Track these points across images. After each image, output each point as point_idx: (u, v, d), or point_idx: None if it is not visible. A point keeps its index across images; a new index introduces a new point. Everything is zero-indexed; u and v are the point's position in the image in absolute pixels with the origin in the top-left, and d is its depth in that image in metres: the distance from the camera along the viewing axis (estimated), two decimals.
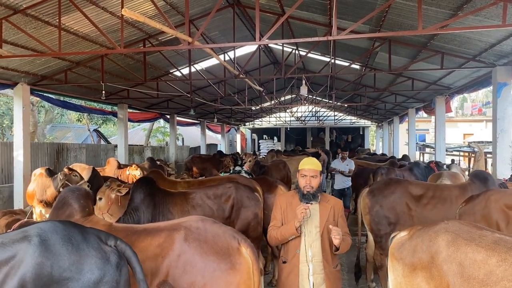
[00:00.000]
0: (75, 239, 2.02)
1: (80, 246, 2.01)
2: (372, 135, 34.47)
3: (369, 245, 5.28)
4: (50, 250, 1.91)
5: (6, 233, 2.03)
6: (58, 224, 2.06)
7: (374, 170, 8.72)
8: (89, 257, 2.00)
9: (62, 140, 22.64)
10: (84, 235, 2.08)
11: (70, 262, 1.94)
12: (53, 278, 1.88)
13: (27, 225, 2.69)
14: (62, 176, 6.70)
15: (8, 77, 8.84)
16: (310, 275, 3.01)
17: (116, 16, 7.64)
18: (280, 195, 3.55)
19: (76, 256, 1.97)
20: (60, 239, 1.97)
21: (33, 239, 1.91)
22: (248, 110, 21.44)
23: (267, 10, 9.16)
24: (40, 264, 1.87)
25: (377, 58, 10.69)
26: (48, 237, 1.95)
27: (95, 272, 1.99)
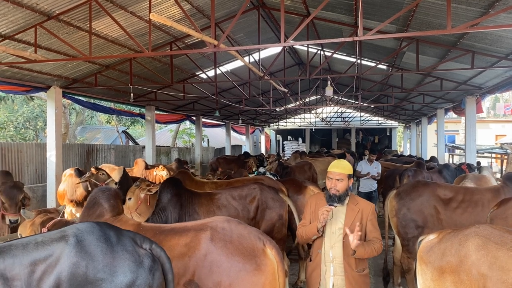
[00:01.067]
0: (110, 241, 2.05)
1: (114, 248, 2.04)
2: (399, 136, 33.82)
3: (396, 249, 5.20)
4: (86, 250, 1.96)
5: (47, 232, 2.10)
6: (95, 225, 2.11)
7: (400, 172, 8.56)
8: (122, 259, 2.02)
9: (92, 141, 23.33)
10: (119, 237, 2.11)
11: (104, 263, 1.97)
12: (87, 278, 1.93)
13: (60, 224, 2.81)
14: (88, 174, 6.91)
15: (42, 81, 9.19)
16: (330, 276, 3.02)
17: (144, 20, 7.82)
18: (312, 195, 3.56)
19: (110, 258, 2.00)
20: (96, 240, 2.01)
21: (70, 239, 1.97)
22: (273, 111, 21.45)
23: (292, 11, 9.16)
24: (76, 264, 1.92)
25: (405, 58, 10.49)
26: (84, 238, 1.99)
27: (128, 275, 2.00)
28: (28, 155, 10.27)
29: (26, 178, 9.98)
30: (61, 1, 6.49)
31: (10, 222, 5.23)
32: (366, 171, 9.37)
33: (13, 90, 9.04)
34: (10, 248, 1.94)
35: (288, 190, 5.78)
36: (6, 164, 9.52)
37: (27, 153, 10.26)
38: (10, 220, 5.21)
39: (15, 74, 8.41)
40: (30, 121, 18.80)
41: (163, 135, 28.44)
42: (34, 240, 1.98)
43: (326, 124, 27.78)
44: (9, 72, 8.25)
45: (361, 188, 9.56)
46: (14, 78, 8.57)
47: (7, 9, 6.15)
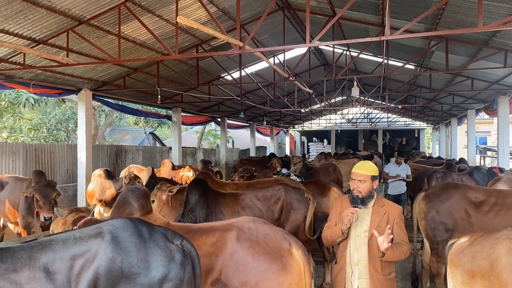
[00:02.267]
0: (143, 236, 2.14)
1: (147, 244, 2.12)
2: (428, 137, 33.04)
3: (425, 252, 5.08)
4: (121, 246, 2.05)
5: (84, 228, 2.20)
6: (129, 221, 2.20)
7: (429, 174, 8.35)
8: (155, 254, 2.11)
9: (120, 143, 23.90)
10: (151, 233, 2.19)
11: (138, 258, 2.06)
12: (123, 273, 2.01)
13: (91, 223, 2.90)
14: (127, 181, 7.08)
15: (73, 84, 9.49)
16: (355, 279, 2.98)
17: (170, 23, 7.97)
18: (338, 197, 3.53)
19: (143, 253, 2.08)
20: (130, 236, 2.10)
21: (106, 235, 2.06)
22: (298, 112, 21.38)
23: (317, 12, 9.12)
24: (112, 259, 2.01)
25: (433, 58, 10.25)
26: (119, 234, 2.08)
27: (160, 269, 2.09)
28: (60, 156, 10.63)
29: (58, 178, 10.33)
30: (92, 6, 6.70)
31: (44, 219, 5.42)
32: (394, 173, 9.16)
33: (46, 93, 9.38)
34: (51, 243, 2.04)
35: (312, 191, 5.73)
36: (39, 164, 9.88)
37: (59, 154, 10.63)
38: (44, 217, 5.41)
39: (48, 77, 8.73)
40: (61, 123, 19.44)
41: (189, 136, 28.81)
42: (72, 236, 2.08)
43: (352, 125, 27.43)
44: (42, 75, 8.56)
45: (390, 191, 9.36)
46: (47, 81, 8.89)
47: (41, 15, 6.40)
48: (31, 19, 6.43)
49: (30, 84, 8.41)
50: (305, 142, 33.28)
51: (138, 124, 23.70)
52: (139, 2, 7.02)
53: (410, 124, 27.32)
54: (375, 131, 29.24)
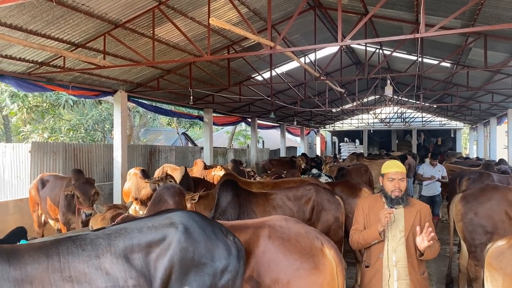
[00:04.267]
0: (207, 229, 2.26)
1: (211, 236, 2.24)
2: (465, 138, 31.88)
3: (462, 255, 4.92)
4: (192, 237, 2.17)
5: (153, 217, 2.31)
6: (193, 214, 2.32)
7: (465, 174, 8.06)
8: (218, 247, 2.23)
9: (154, 143, 24.48)
10: (212, 227, 2.31)
11: (206, 249, 2.19)
12: (194, 262, 2.14)
13: (128, 219, 3.00)
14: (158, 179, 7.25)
15: (110, 85, 9.81)
16: (394, 281, 2.93)
17: (203, 25, 8.09)
18: (362, 198, 3.48)
19: (210, 245, 2.21)
20: (199, 228, 2.22)
21: (179, 226, 2.18)
22: (329, 112, 21.15)
23: (349, 10, 9.01)
24: (185, 249, 2.13)
25: (471, 55, 9.89)
26: (190, 225, 2.20)
27: (223, 261, 2.21)
28: (96, 155, 11.01)
29: (95, 177, 10.69)
30: (127, 10, 6.91)
31: (85, 215, 5.64)
32: (429, 174, 8.91)
33: (84, 95, 9.74)
34: (126, 230, 2.16)
35: (342, 192, 5.68)
36: (78, 163, 10.28)
37: (96, 154, 11.01)
38: (85, 213, 5.63)
39: (85, 79, 9.06)
40: (98, 124, 20.13)
41: (220, 136, 29.12)
42: (146, 225, 2.19)
43: (385, 125, 26.85)
44: (80, 78, 8.90)
45: (424, 192, 9.11)
46: (85, 84, 9.23)
47: (80, 20, 6.66)
48: (70, 23, 6.70)
49: (69, 86, 8.76)
50: (336, 142, 32.87)
51: (171, 124, 24.19)
52: (172, 5, 7.18)
53: (446, 124, 26.44)
54: (409, 131, 28.48)
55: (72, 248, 2.06)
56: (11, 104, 14.92)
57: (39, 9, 6.04)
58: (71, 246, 2.07)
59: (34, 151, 9.15)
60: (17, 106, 15.02)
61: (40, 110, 16.08)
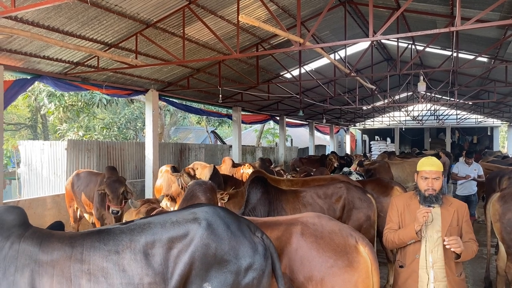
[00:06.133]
0: (233, 226, 2.23)
1: (236, 233, 2.21)
2: (502, 136, 30.60)
3: (500, 257, 4.73)
4: (215, 233, 2.16)
5: (179, 212, 2.34)
6: (219, 210, 2.30)
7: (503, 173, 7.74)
8: (243, 244, 2.20)
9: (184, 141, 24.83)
10: (238, 223, 2.28)
11: (229, 246, 2.16)
12: (216, 259, 2.12)
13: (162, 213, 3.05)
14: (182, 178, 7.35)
15: (141, 85, 10.02)
16: (430, 282, 2.84)
17: (231, 23, 8.13)
18: (396, 196, 3.39)
19: (234, 241, 2.18)
20: (223, 224, 2.20)
21: (202, 222, 2.17)
22: (359, 110, 20.80)
23: (380, 5, 8.81)
24: (207, 245, 2.12)
25: (509, 49, 9.45)
26: (213, 221, 2.19)
27: (247, 259, 2.18)
28: (129, 153, 11.29)
29: (128, 174, 10.98)
30: (158, 10, 7.03)
31: (112, 212, 5.81)
32: (464, 173, 8.61)
33: (117, 94, 10.00)
34: (149, 226, 2.18)
35: (374, 190, 5.57)
36: (111, 160, 10.57)
37: (128, 151, 11.28)
38: (112, 210, 5.79)
39: (118, 79, 9.30)
40: (130, 122, 20.61)
41: (248, 135, 29.22)
42: (170, 220, 2.21)
43: (418, 123, 26.12)
44: (113, 77, 9.14)
45: (459, 191, 8.81)
46: (117, 83, 9.47)
47: (113, 20, 6.84)
48: (104, 24, 6.88)
49: (103, 85, 9.00)
50: (367, 141, 32.30)
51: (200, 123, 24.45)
52: (202, 4, 7.25)
53: (482, 121, 25.43)
54: (442, 129, 27.60)
55: (95, 242, 2.12)
56: (49, 103, 15.49)
57: (75, 11, 6.24)
58: (96, 239, 2.14)
59: (70, 149, 9.48)
60: (54, 106, 15.57)
61: (75, 109, 16.61)
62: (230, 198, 5.38)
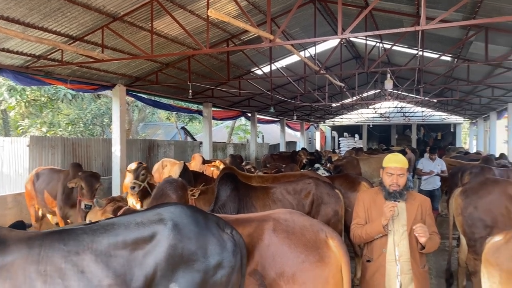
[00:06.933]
0: (200, 224, 2.20)
1: (204, 232, 2.18)
2: (464, 132, 31.86)
3: (461, 249, 4.91)
4: (182, 233, 2.12)
5: (144, 212, 2.28)
6: (186, 209, 2.26)
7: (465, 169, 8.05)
8: (211, 242, 2.17)
9: (153, 137, 24.40)
10: (206, 221, 2.25)
11: (197, 246, 2.13)
12: (183, 259, 2.09)
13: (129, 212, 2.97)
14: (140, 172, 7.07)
15: (108, 79, 9.75)
16: (397, 275, 2.91)
17: (201, 18, 8.03)
18: (362, 192, 3.45)
19: (201, 240, 2.15)
20: (190, 224, 2.16)
21: (168, 222, 2.12)
22: (328, 107, 21.08)
23: (349, 3, 8.94)
24: (174, 246, 2.08)
25: (471, 48, 9.83)
26: (179, 221, 2.15)
27: (216, 257, 2.16)
28: (95, 150, 10.99)
29: (94, 171, 10.66)
30: (125, 3, 6.85)
31: (85, 206, 5.65)
32: (428, 168, 8.91)
33: (83, 89, 9.70)
34: (113, 226, 2.12)
35: (342, 186, 5.66)
36: (76, 157, 10.25)
37: (95, 148, 10.98)
38: (85, 204, 5.64)
39: (84, 73, 9.01)
40: (97, 118, 20.05)
41: (219, 131, 29.05)
42: (134, 221, 2.15)
43: (385, 119, 26.81)
44: (79, 72, 8.85)
45: (423, 186, 9.12)
46: (83, 77, 9.18)
47: (78, 12, 6.60)
48: (68, 16, 6.64)
49: (68, 80, 8.70)
50: (336, 137, 32.83)
51: (170, 119, 24.12)
52: None
53: (446, 118, 26.40)
54: (408, 126, 28.44)
55: (55, 242, 2.04)
56: (9, 98, 14.85)
57: (36, 2, 5.98)
58: (56, 239, 2.06)
59: (32, 145, 9.12)
60: (15, 100, 14.95)
61: (38, 104, 16.02)
62: (201, 194, 5.32)
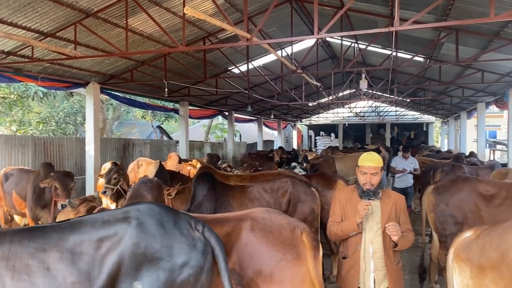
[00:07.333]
0: (168, 223, 2.21)
1: (171, 231, 2.20)
2: (436, 131, 32.73)
3: (433, 245, 5.04)
4: (146, 232, 2.14)
5: (113, 211, 2.32)
6: (155, 208, 2.27)
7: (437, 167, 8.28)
8: (178, 241, 2.18)
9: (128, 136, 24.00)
10: (176, 220, 2.26)
11: (161, 244, 2.14)
12: (146, 257, 2.11)
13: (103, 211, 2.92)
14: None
15: (81, 77, 9.52)
16: (371, 272, 2.97)
17: (177, 15, 7.94)
18: (339, 190, 3.50)
19: (167, 239, 2.16)
20: (155, 223, 2.18)
21: (132, 221, 2.15)
22: (305, 106, 21.25)
23: (325, 3, 9.02)
24: (136, 244, 2.10)
25: (443, 50, 10.11)
26: (145, 220, 2.17)
27: (182, 257, 2.16)
28: (68, 149, 10.72)
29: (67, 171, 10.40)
30: None
31: (62, 206, 5.50)
32: (401, 167, 9.13)
33: (55, 86, 9.42)
34: (80, 225, 2.17)
35: (318, 184, 5.73)
36: (48, 157, 9.97)
37: (67, 147, 10.71)
38: (62, 204, 5.49)
39: (56, 70, 8.76)
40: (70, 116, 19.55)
41: (196, 130, 28.84)
42: (101, 219, 2.19)
43: (360, 119, 27.26)
44: (51, 69, 8.60)
45: (397, 184, 9.33)
46: (55, 75, 8.92)
47: (49, 8, 6.41)
48: (39, 12, 6.44)
49: (39, 77, 8.44)
50: (313, 136, 33.14)
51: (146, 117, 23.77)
52: None
53: (419, 118, 27.08)
54: (383, 125, 29.02)
55: (24, 239, 2.10)
56: None
57: None
58: (25, 237, 2.11)
59: (1, 145, 8.83)
60: None
61: (7, 102, 15.49)
62: (178, 194, 5.27)
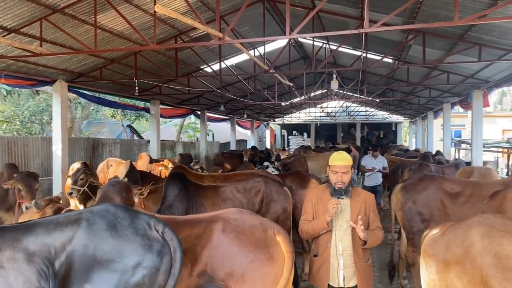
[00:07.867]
0: (121, 224, 2.19)
1: (124, 232, 2.18)
2: (405, 131, 33.63)
3: (402, 242, 5.19)
4: (95, 233, 2.13)
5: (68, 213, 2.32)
6: (111, 208, 2.26)
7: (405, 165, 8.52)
8: (131, 242, 2.16)
9: (97, 135, 23.41)
10: (133, 220, 2.24)
11: (111, 246, 2.12)
12: (96, 259, 2.09)
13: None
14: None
15: (48, 75, 9.21)
16: (340, 269, 3.02)
17: (148, 13, 7.80)
18: (311, 189, 3.54)
19: (117, 240, 2.14)
20: (106, 224, 2.16)
21: (82, 223, 2.15)
22: (278, 105, 21.37)
23: (297, 4, 9.10)
24: (85, 246, 2.10)
25: (411, 51, 10.40)
26: (95, 221, 2.16)
27: (134, 257, 2.13)
28: (34, 149, 10.33)
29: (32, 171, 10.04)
30: None
31: (26, 208, 5.32)
32: (371, 165, 9.34)
33: (19, 84, 9.07)
34: (34, 226, 2.18)
35: (292, 183, 5.78)
36: (12, 157, 9.58)
37: (33, 147, 10.32)
38: (27, 206, 5.31)
39: (20, 68, 8.44)
40: (36, 115, 18.89)
41: (168, 129, 28.45)
42: (55, 220, 2.21)
43: (331, 118, 27.67)
44: (15, 66, 8.28)
45: (366, 182, 9.54)
46: (19, 72, 8.59)
47: (13, 2, 6.17)
48: (1, 6, 6.18)
49: (1, 74, 8.11)
50: (285, 136, 33.39)
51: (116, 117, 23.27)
52: None
53: (388, 117, 27.75)
54: (353, 124, 29.57)
55: None
56: None
57: None
58: None
59: None
60: None
61: None
62: (150, 193, 5.19)
